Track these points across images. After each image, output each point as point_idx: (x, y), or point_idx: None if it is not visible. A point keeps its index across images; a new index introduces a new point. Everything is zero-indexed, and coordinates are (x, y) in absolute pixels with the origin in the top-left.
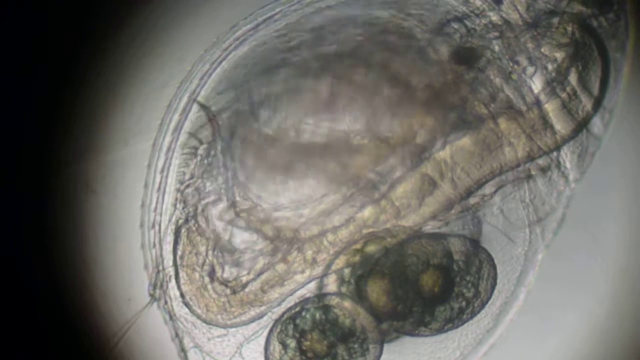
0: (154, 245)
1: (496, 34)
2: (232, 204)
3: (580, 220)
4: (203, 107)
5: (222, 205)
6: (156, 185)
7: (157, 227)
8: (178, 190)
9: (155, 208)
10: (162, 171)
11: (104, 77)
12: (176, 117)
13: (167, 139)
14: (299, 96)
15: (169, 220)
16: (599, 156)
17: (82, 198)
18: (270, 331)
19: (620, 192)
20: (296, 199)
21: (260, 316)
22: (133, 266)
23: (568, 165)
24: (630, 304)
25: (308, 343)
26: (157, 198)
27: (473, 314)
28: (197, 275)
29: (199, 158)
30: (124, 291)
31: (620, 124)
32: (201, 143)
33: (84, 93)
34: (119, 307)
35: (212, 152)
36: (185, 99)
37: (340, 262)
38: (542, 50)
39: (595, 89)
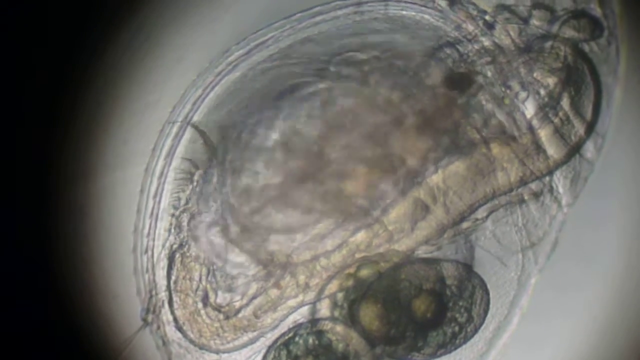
0: (147, 270)
1: (488, 59)
2: (226, 229)
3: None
4: (198, 130)
5: (216, 230)
6: (149, 211)
7: (149, 253)
8: (172, 215)
9: (149, 233)
10: (155, 196)
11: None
12: (169, 141)
13: (160, 163)
14: (290, 120)
15: (163, 246)
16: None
17: (75, 222)
18: (264, 357)
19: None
20: (289, 223)
21: (253, 341)
22: (126, 290)
23: (561, 189)
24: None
25: None
26: (150, 223)
27: (466, 339)
28: (190, 300)
29: (194, 183)
30: (116, 315)
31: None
32: (196, 168)
33: (74, 115)
34: (112, 329)
35: (207, 177)
36: (178, 124)
37: (333, 286)
38: (535, 75)
39: (588, 113)
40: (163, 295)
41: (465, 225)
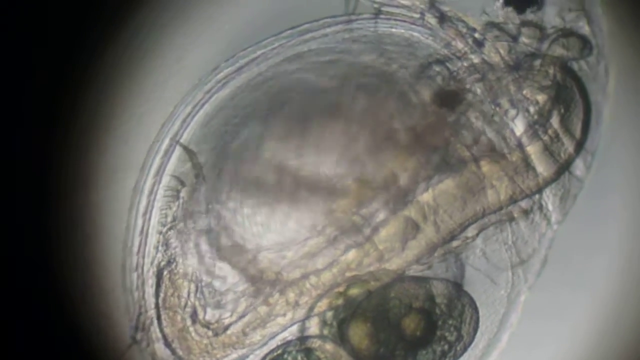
0: (136, 288)
1: (478, 76)
2: (214, 246)
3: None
4: (186, 149)
5: (204, 247)
6: (138, 228)
7: (139, 270)
8: (160, 232)
9: (138, 251)
10: (144, 214)
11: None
12: (158, 159)
13: (149, 181)
14: (281, 139)
15: (151, 263)
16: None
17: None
18: None
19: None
20: (279, 241)
21: (242, 358)
22: (115, 308)
23: (550, 207)
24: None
25: None
26: (140, 240)
27: (455, 357)
28: (179, 317)
29: (181, 200)
30: (105, 333)
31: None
32: (184, 185)
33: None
34: (101, 348)
35: (195, 195)
36: (167, 142)
37: (322, 304)
38: (524, 92)
39: (577, 131)
40: (152, 313)
41: (455, 243)
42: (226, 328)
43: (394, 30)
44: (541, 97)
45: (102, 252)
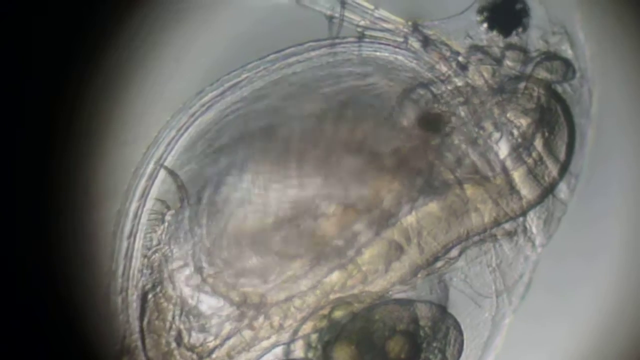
0: (121, 311)
1: (462, 99)
2: (199, 270)
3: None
4: (171, 173)
5: (188, 270)
6: (123, 252)
7: (123, 293)
8: (145, 256)
9: (123, 274)
10: (129, 237)
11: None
12: (143, 182)
13: (134, 205)
14: (265, 162)
15: (135, 287)
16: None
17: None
18: None
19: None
20: (263, 264)
21: None
22: (100, 332)
23: (534, 230)
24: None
25: None
26: (124, 264)
27: None
28: (163, 340)
29: (166, 224)
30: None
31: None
32: (168, 209)
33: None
34: None
35: (179, 218)
36: (152, 165)
37: (307, 327)
38: (508, 115)
39: (561, 154)
40: (136, 336)
41: (439, 265)
42: (211, 352)
43: (377, 53)
44: (525, 120)
45: (86, 275)
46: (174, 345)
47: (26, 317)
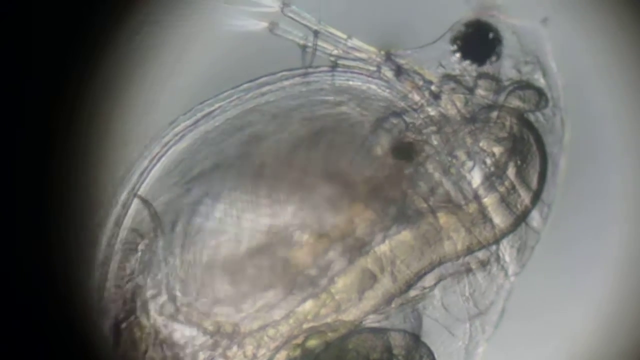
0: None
1: (434, 128)
2: (173, 299)
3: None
4: (144, 202)
5: (162, 299)
6: (96, 281)
7: (98, 322)
8: (118, 285)
9: (97, 303)
10: (102, 266)
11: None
12: (116, 212)
13: (107, 234)
14: (237, 191)
15: (110, 316)
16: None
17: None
18: None
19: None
20: (236, 294)
21: None
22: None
23: (507, 259)
24: None
25: None
26: (98, 293)
27: None
28: None
29: (139, 253)
30: None
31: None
32: (142, 238)
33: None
34: None
35: (153, 248)
36: (125, 194)
37: (280, 357)
38: (481, 144)
39: (534, 183)
40: None
41: (412, 294)
42: None
43: (351, 82)
44: (497, 149)
45: (61, 306)
46: None
47: (25, 317)
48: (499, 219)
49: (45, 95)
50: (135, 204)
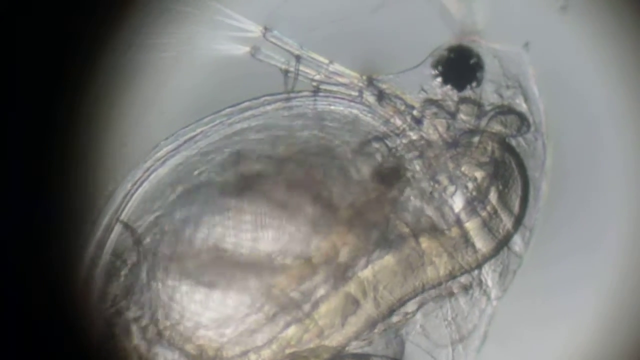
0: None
1: (417, 153)
2: (155, 322)
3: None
4: (127, 227)
5: (144, 322)
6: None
7: (81, 346)
8: (101, 309)
9: (80, 327)
10: (84, 290)
11: None
12: (98, 236)
13: (90, 258)
14: (219, 215)
15: (93, 338)
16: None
17: None
18: None
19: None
20: (218, 318)
21: None
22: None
23: (490, 283)
24: None
25: None
26: (81, 315)
27: None
28: None
29: (121, 279)
30: None
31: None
32: (124, 263)
33: None
34: None
35: (135, 272)
36: (107, 219)
37: None
38: (463, 169)
39: (515, 207)
40: None
41: (395, 319)
42: None
43: (333, 107)
44: (479, 174)
45: (43, 329)
46: None
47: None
48: (481, 244)
49: (29, 121)
50: (118, 228)
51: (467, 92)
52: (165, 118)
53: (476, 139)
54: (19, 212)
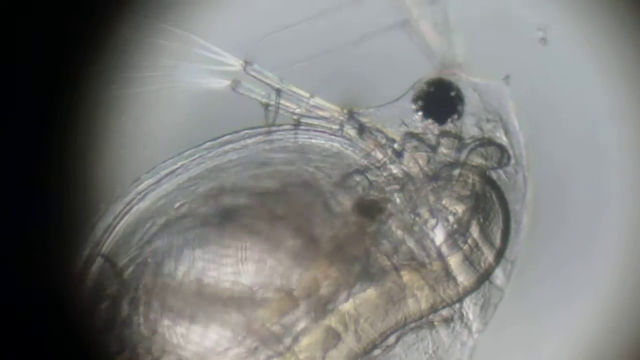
0: None
1: (398, 187)
2: (136, 358)
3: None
4: (108, 260)
5: (124, 357)
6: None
7: None
8: (82, 342)
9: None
10: (65, 325)
11: None
12: (79, 270)
13: (71, 291)
14: (200, 249)
15: None
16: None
17: None
18: None
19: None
20: (200, 352)
21: None
22: None
23: (471, 316)
24: None
25: None
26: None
27: None
28: None
29: (103, 313)
30: None
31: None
32: (106, 297)
33: None
34: None
35: (116, 306)
36: (89, 252)
37: None
38: (444, 202)
39: (497, 241)
40: None
41: (376, 353)
42: None
43: (314, 141)
44: (460, 207)
45: None
46: None
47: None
48: (463, 277)
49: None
50: (99, 262)
51: (448, 126)
52: (146, 152)
53: (457, 173)
54: None
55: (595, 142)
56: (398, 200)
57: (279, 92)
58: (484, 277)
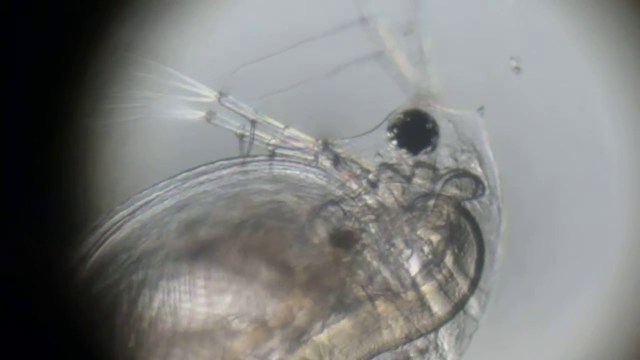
0: None
1: (372, 217)
2: None
3: None
4: (82, 292)
5: None
6: None
7: None
8: None
9: None
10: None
11: None
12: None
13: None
14: (175, 280)
15: None
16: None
17: None
18: None
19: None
20: None
21: None
22: None
23: (446, 346)
24: None
25: None
26: None
27: None
28: None
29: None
30: None
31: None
32: (84, 327)
33: None
34: None
35: (92, 339)
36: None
37: None
38: (418, 233)
39: (471, 270)
40: None
41: None
42: None
43: (288, 171)
44: (435, 237)
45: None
46: None
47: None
48: (437, 307)
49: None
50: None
51: (422, 156)
52: (121, 183)
53: (431, 203)
54: None
55: (573, 169)
56: (373, 230)
57: (253, 122)
58: (459, 307)
